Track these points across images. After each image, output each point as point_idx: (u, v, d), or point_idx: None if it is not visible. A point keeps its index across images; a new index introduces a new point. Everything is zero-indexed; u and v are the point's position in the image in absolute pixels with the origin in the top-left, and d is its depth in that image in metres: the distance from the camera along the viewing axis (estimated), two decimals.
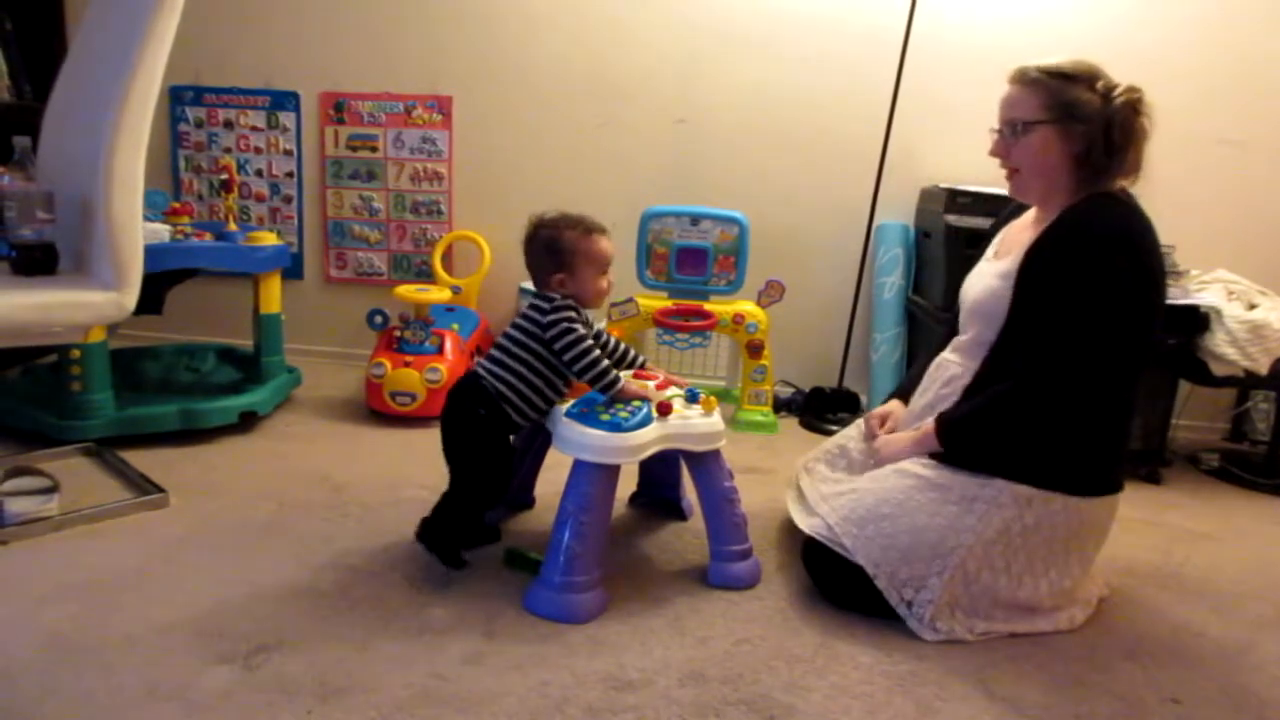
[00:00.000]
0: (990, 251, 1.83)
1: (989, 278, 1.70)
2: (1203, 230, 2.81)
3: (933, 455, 1.67)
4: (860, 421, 2.01)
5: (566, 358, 1.66)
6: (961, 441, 1.64)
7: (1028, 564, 1.59)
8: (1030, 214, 1.77)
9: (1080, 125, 1.57)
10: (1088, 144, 1.57)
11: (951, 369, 1.76)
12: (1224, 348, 2.43)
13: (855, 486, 1.74)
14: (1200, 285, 2.66)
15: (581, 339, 1.66)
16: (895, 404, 1.92)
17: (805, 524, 1.74)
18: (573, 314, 1.68)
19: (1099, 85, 1.58)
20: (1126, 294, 1.52)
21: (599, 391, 1.69)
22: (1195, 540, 2.18)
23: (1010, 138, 1.64)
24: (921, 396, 1.82)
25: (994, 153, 1.69)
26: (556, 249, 1.71)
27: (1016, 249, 1.66)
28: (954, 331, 1.83)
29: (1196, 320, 2.48)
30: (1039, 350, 1.57)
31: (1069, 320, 1.53)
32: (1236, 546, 2.17)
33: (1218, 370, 2.48)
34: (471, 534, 1.79)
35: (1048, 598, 1.63)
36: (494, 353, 1.73)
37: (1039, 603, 1.63)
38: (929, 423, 1.69)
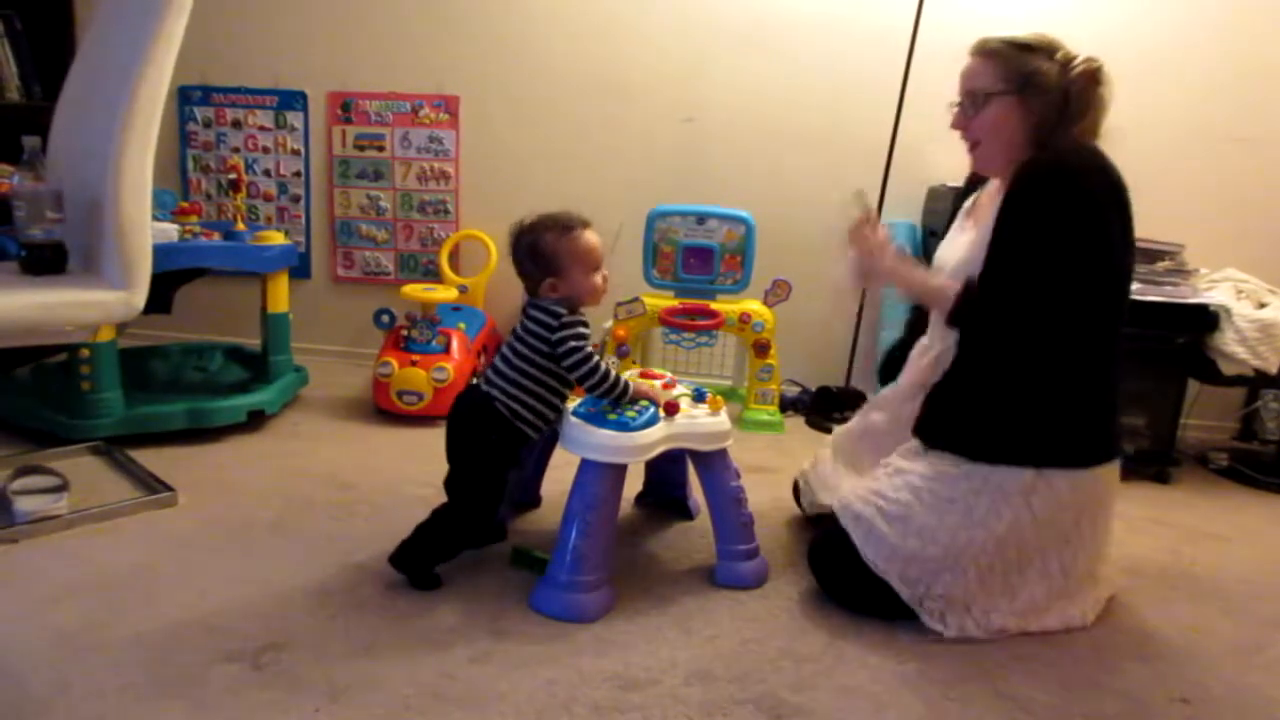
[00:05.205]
0: (960, 220, 1.82)
1: (962, 248, 1.69)
2: (1212, 228, 2.79)
3: (922, 436, 1.66)
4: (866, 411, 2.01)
5: (576, 375, 1.63)
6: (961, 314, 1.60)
7: (1040, 550, 1.58)
8: (996, 182, 1.76)
9: (1038, 95, 1.57)
10: (1045, 113, 1.57)
11: (934, 346, 1.76)
12: (1233, 346, 2.42)
13: (860, 484, 1.73)
14: (1209, 284, 2.65)
15: (589, 357, 1.62)
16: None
17: (830, 499, 1.75)
18: (581, 329, 1.63)
19: (1058, 56, 1.58)
20: (1078, 227, 1.50)
21: (610, 402, 1.67)
22: (1204, 540, 2.17)
23: (970, 110, 1.65)
24: (905, 374, 1.83)
25: (954, 125, 1.69)
26: (539, 254, 1.64)
27: (987, 215, 1.65)
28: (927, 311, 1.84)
29: (1205, 319, 2.46)
30: (996, 282, 1.54)
31: (1024, 254, 1.52)
32: (1246, 546, 2.16)
33: (1227, 369, 2.47)
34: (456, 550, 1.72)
35: (1059, 578, 1.62)
36: (502, 368, 1.66)
37: (1053, 587, 1.62)
38: (945, 286, 1.63)
